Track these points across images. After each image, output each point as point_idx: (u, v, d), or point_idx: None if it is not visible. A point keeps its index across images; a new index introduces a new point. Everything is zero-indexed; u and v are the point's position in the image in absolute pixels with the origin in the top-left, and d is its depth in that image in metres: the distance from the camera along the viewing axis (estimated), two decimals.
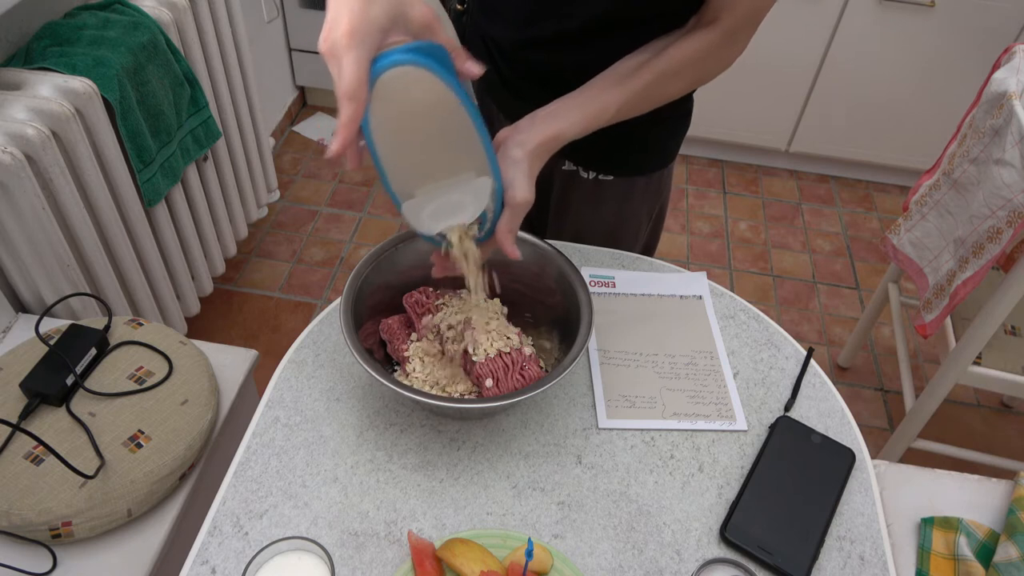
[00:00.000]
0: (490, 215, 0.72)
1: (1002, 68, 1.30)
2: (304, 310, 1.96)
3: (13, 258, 1.21)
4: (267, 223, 2.18)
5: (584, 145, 0.91)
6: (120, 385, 0.99)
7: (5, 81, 1.20)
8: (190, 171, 1.55)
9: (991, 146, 1.23)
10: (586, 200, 1.02)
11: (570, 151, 0.94)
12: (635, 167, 0.99)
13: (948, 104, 2.23)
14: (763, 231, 2.33)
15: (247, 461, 0.76)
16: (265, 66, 2.29)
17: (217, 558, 0.69)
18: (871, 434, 1.79)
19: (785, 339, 0.92)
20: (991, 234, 1.21)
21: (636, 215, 1.06)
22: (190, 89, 1.47)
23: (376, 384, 0.83)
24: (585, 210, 1.04)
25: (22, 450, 0.91)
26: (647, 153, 0.99)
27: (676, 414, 0.83)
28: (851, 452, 0.80)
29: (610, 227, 1.06)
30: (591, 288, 0.95)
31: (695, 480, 0.77)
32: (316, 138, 2.48)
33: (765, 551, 0.71)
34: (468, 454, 0.78)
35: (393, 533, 0.71)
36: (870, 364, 1.96)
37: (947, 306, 1.31)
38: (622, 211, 1.04)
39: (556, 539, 0.72)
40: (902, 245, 1.48)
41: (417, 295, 0.84)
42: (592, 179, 0.99)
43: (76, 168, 1.22)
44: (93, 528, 0.89)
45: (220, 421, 1.05)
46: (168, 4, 1.41)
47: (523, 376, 0.77)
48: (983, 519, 0.96)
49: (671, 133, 0.99)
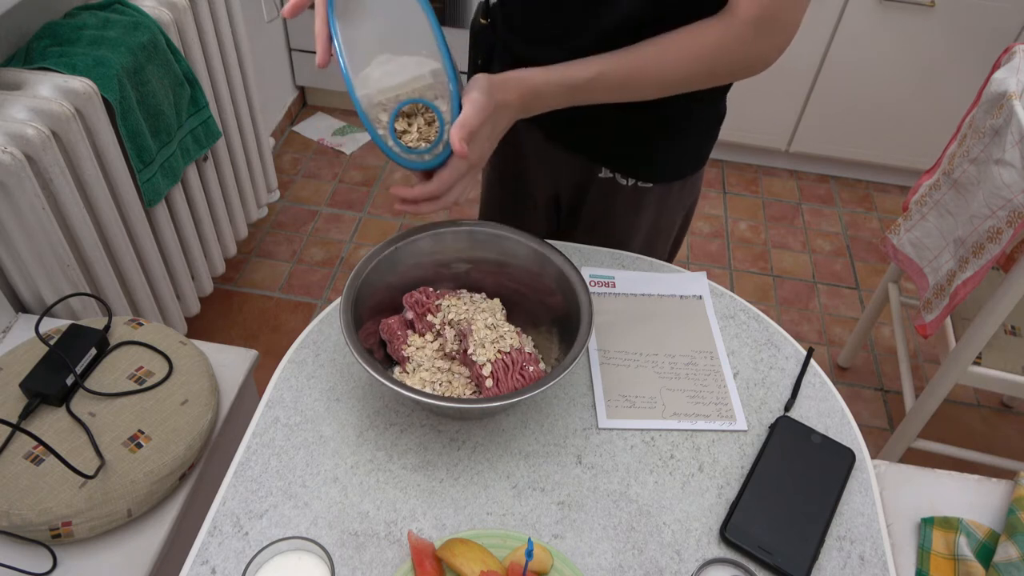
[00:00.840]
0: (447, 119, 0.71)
1: (1002, 68, 1.30)
2: (304, 310, 1.96)
3: (13, 258, 1.21)
4: (267, 223, 2.18)
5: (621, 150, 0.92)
6: (120, 385, 0.99)
7: (5, 81, 1.20)
8: (190, 171, 1.55)
9: (991, 146, 1.23)
10: (626, 208, 1.01)
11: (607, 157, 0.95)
12: (674, 171, 0.98)
13: (948, 104, 2.23)
14: (763, 231, 2.33)
15: (247, 461, 0.76)
16: (265, 66, 2.29)
17: (217, 558, 0.69)
18: (871, 434, 1.79)
19: (785, 339, 0.92)
20: (991, 234, 1.21)
21: (671, 221, 1.06)
22: (190, 89, 1.47)
23: (376, 384, 0.83)
24: (624, 219, 1.02)
25: (22, 450, 0.91)
26: (684, 156, 0.98)
27: (676, 414, 0.83)
28: (851, 452, 0.80)
29: (647, 235, 1.05)
30: (591, 288, 0.95)
31: (695, 480, 0.77)
32: (316, 138, 2.48)
33: (765, 551, 0.71)
34: (468, 454, 0.78)
35: (393, 533, 0.71)
36: (870, 364, 1.96)
37: (947, 306, 1.31)
38: (660, 218, 1.03)
39: (556, 539, 0.72)
40: (902, 245, 1.49)
41: (417, 295, 0.84)
42: (631, 186, 0.98)
43: (76, 168, 1.22)
44: (93, 528, 0.89)
45: (220, 421, 1.05)
46: (168, 4, 1.41)
47: (523, 376, 0.77)
48: (983, 519, 0.96)
49: (705, 135, 0.98)
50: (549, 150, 1.00)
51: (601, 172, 0.98)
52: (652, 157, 0.96)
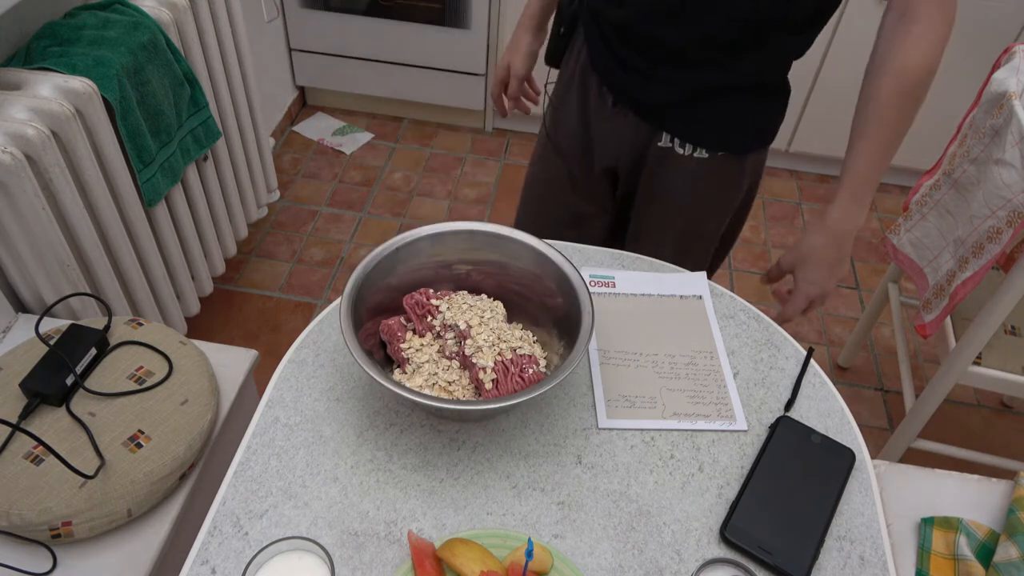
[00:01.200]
0: None
1: (1002, 68, 1.30)
2: (304, 310, 1.96)
3: (13, 258, 1.21)
4: (267, 223, 2.18)
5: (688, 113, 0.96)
6: (120, 385, 0.99)
7: (5, 81, 1.20)
8: (190, 171, 1.55)
9: (991, 146, 1.23)
10: (679, 177, 1.03)
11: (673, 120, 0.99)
12: (737, 142, 1.01)
13: (948, 104, 2.23)
14: (763, 231, 2.33)
15: (247, 461, 0.76)
16: (265, 66, 2.29)
17: (217, 558, 0.69)
18: (871, 434, 1.79)
19: (785, 339, 0.92)
20: (991, 234, 1.21)
21: (726, 201, 1.08)
22: (190, 89, 1.47)
23: (376, 385, 0.83)
24: (676, 189, 1.05)
25: (22, 450, 0.91)
26: (749, 127, 1.01)
27: (676, 414, 0.83)
28: (851, 452, 0.80)
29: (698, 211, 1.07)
30: (591, 288, 0.95)
31: (695, 480, 0.77)
32: (316, 138, 2.48)
33: (765, 551, 0.71)
34: (468, 454, 0.78)
35: (393, 533, 0.71)
36: (870, 364, 1.96)
37: (947, 306, 1.31)
38: (716, 192, 1.06)
39: (556, 539, 0.72)
40: (902, 245, 1.48)
41: (417, 296, 0.84)
42: (688, 155, 1.01)
43: (76, 168, 1.22)
44: (93, 528, 0.89)
45: (220, 421, 1.05)
46: (168, 4, 1.41)
47: (523, 378, 0.77)
48: (983, 519, 0.96)
49: (771, 110, 1.01)
50: (616, 116, 1.03)
51: (661, 140, 1.01)
52: (717, 123, 0.98)
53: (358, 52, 2.38)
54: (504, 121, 2.56)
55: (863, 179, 0.89)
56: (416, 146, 2.50)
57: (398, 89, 2.46)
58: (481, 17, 2.23)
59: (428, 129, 2.56)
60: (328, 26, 2.33)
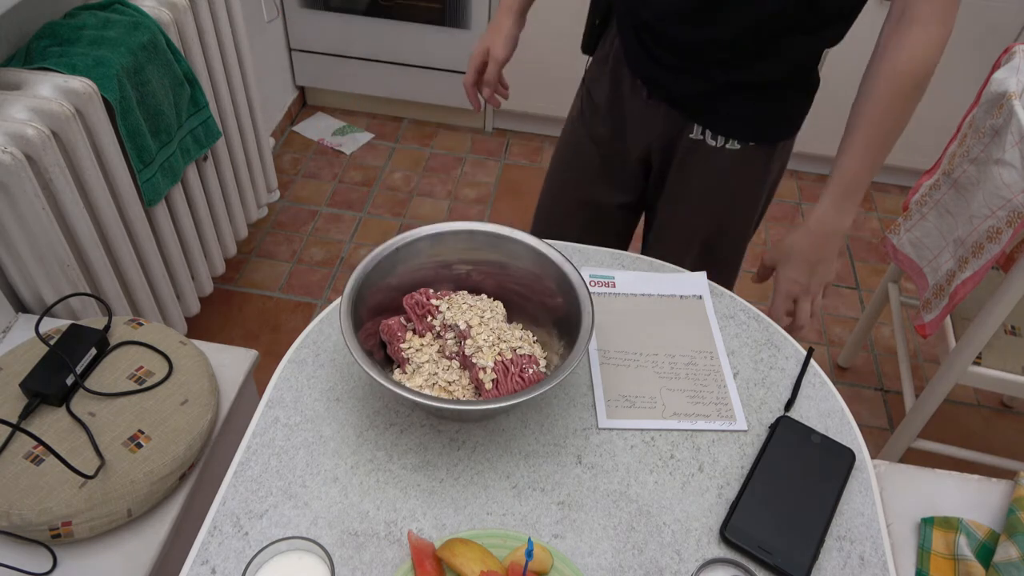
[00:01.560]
0: None
1: (1002, 68, 1.30)
2: (304, 310, 1.96)
3: (13, 258, 1.21)
4: (267, 223, 2.18)
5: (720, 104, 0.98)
6: (120, 385, 0.99)
7: (5, 81, 1.20)
8: (190, 171, 1.55)
9: (991, 146, 1.23)
10: (709, 170, 1.04)
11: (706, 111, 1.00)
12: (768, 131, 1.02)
13: (948, 104, 2.23)
14: (763, 231, 2.33)
15: (247, 461, 0.76)
16: (265, 66, 2.29)
17: (217, 558, 0.69)
18: (871, 434, 1.79)
19: (785, 339, 0.92)
20: (991, 234, 1.21)
21: (755, 193, 1.08)
22: (190, 89, 1.47)
23: (376, 385, 0.83)
24: (705, 182, 1.05)
25: (22, 450, 0.91)
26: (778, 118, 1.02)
27: (676, 414, 0.83)
28: (851, 452, 0.80)
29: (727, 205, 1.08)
30: (591, 288, 0.95)
31: (695, 480, 0.77)
32: (316, 138, 2.48)
33: (765, 551, 0.71)
34: (468, 454, 0.78)
35: (393, 533, 0.71)
36: (870, 364, 1.96)
37: (947, 306, 1.31)
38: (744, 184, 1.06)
39: (556, 539, 0.72)
40: (902, 245, 1.48)
41: (417, 296, 0.84)
42: (719, 147, 1.01)
43: (76, 168, 1.22)
44: (93, 528, 0.89)
45: (220, 421, 1.05)
46: (168, 4, 1.41)
47: (523, 378, 0.77)
48: (983, 519, 0.96)
49: (799, 101, 1.02)
50: (650, 107, 1.03)
51: (692, 132, 1.01)
52: (751, 116, 0.99)
53: (358, 52, 2.38)
54: (504, 121, 2.56)
55: (852, 179, 0.89)
56: (416, 146, 2.50)
57: (398, 89, 2.46)
58: (481, 17, 2.23)
59: (428, 129, 2.56)
60: (328, 26, 2.33)
